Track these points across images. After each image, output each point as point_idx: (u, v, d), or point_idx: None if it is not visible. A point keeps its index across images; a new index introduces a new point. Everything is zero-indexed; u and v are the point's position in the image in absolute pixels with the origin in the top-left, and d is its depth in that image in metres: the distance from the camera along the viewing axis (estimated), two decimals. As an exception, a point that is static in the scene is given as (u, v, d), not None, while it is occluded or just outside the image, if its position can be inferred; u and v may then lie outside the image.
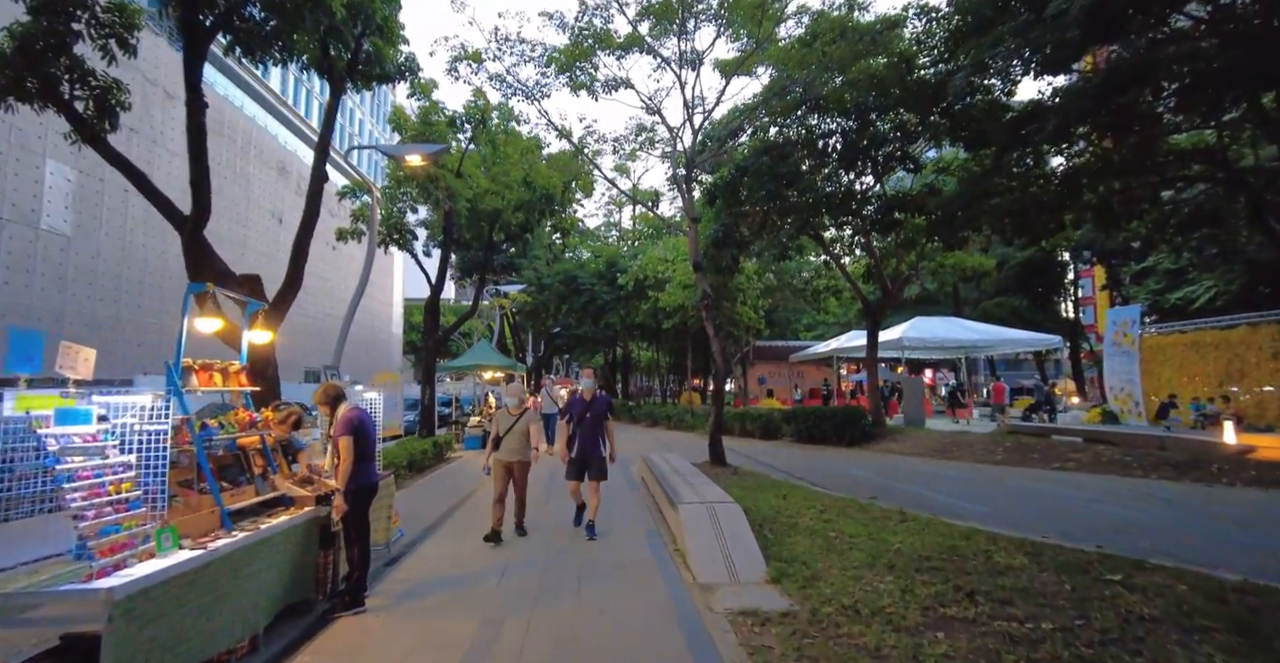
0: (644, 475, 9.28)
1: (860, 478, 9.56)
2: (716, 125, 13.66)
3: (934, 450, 11.99)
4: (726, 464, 9.60)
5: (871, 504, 7.01)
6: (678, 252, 19.85)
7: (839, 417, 13.57)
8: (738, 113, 13.81)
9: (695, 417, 19.43)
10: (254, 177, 39.90)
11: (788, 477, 9.58)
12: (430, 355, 12.82)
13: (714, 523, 5.30)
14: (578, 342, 33.99)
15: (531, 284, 21.80)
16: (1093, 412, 21.70)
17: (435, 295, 13.02)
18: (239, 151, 40.23)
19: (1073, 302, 37.62)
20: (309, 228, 7.89)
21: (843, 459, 11.83)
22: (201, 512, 3.34)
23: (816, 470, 10.32)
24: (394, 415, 14.19)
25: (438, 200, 12.95)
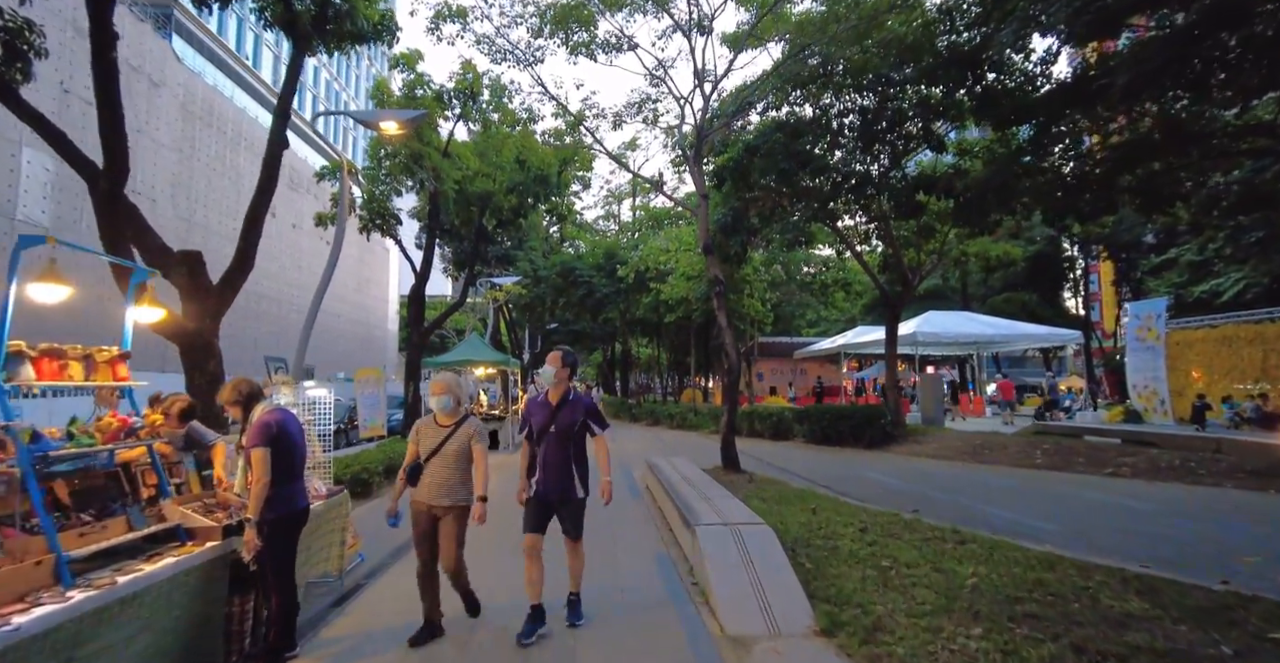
0: (648, 482, 8.26)
1: (892, 487, 8.55)
2: (726, 102, 12.60)
3: (963, 453, 10.99)
4: (741, 470, 8.59)
5: (917, 520, 6.00)
6: (680, 241, 18.82)
7: (857, 416, 12.56)
8: (748, 88, 12.75)
9: (699, 415, 18.42)
10: (244, 169, 38.69)
11: (809, 485, 8.57)
12: (415, 350, 11.78)
13: (741, 551, 4.28)
14: (575, 338, 32.96)
15: (527, 276, 20.74)
16: (1114, 410, 20.75)
17: (420, 284, 11.97)
18: (229, 143, 39.10)
19: (1083, 297, 36.60)
20: (264, 198, 6.84)
21: (865, 463, 10.81)
22: (24, 562, 2.29)
23: (840, 477, 9.31)
24: (377, 415, 13.15)
25: (423, 182, 11.91)
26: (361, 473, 8.18)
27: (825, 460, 11.28)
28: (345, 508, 4.61)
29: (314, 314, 8.10)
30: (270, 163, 6.90)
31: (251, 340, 41.21)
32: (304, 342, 7.95)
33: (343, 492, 4.60)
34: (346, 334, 49.06)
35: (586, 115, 11.53)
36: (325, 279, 8.17)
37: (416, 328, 11.76)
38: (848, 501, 7.24)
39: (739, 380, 8.49)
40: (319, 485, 4.31)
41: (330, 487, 4.61)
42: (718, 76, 11.49)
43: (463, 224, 13.69)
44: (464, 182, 12.65)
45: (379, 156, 11.69)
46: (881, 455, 11.71)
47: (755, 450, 12.78)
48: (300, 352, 7.91)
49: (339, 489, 4.59)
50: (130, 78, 32.35)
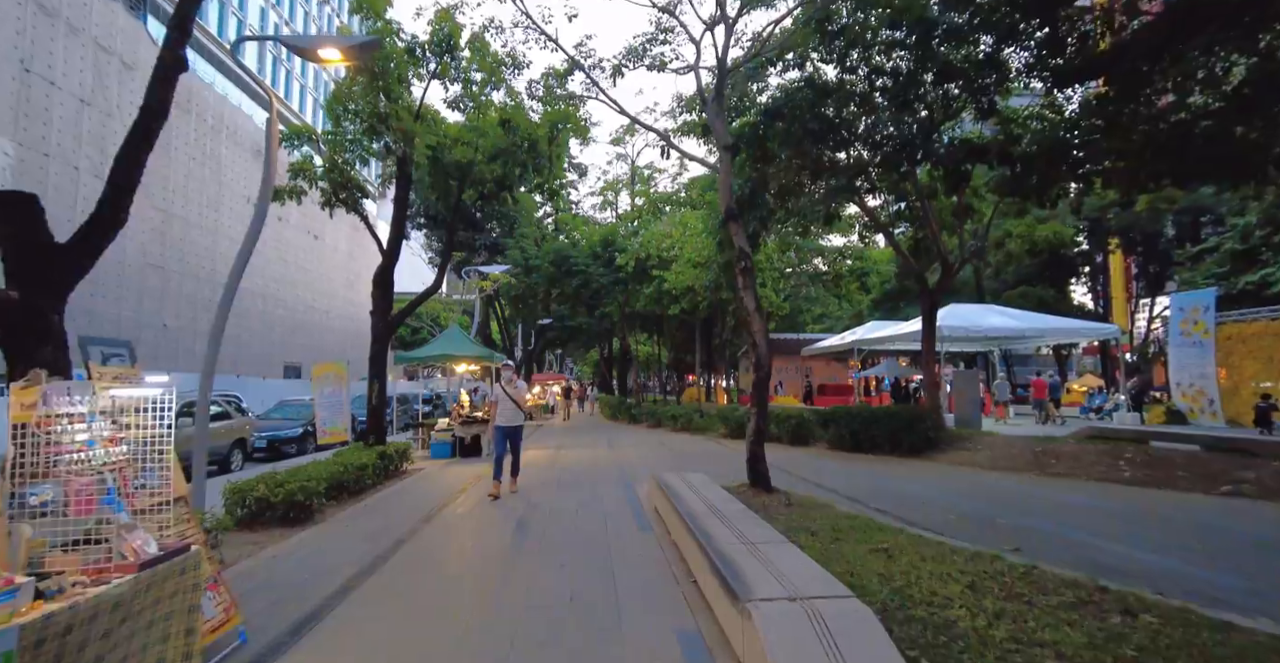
0: (659, 505, 6.57)
1: (959, 508, 6.87)
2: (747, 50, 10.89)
3: (1024, 463, 9.33)
4: (773, 489, 6.89)
5: (1036, 570, 4.31)
6: (686, 226, 17.13)
7: (894, 420, 10.88)
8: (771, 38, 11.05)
9: (706, 417, 16.75)
10: (228, 160, 36.85)
11: (858, 506, 6.89)
12: (380, 342, 10.05)
13: (830, 652, 2.58)
14: (571, 334, 31.24)
15: (518, 265, 19.03)
16: (1155, 410, 19.19)
17: (388, 263, 10.24)
18: (209, 132, 37.27)
19: (1102, 290, 35.02)
20: (147, 129, 5.11)
21: (910, 476, 9.14)
22: None
23: (891, 495, 7.63)
24: (339, 417, 11.43)
25: (388, 146, 10.18)
26: (297, 493, 6.47)
27: (862, 472, 9.61)
28: (195, 576, 2.90)
29: (233, 290, 6.40)
30: (157, 85, 5.17)
31: (234, 334, 39.44)
32: (218, 328, 6.24)
33: (189, 552, 2.88)
34: (337, 331, 47.27)
35: (582, 62, 9.77)
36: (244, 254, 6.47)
37: (382, 317, 10.03)
38: (921, 532, 5.55)
39: (769, 379, 6.79)
40: (138, 544, 2.60)
41: (170, 542, 2.90)
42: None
43: (439, 199, 11.94)
44: (439, 149, 10.92)
45: (335, 112, 9.92)
46: (926, 465, 10.05)
47: (776, 459, 11.06)
48: (214, 340, 6.20)
49: (181, 547, 2.87)
50: (99, 58, 30.47)
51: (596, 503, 7.43)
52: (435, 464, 11.45)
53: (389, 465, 9.49)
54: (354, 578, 4.65)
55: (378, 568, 4.91)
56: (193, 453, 5.91)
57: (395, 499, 8.00)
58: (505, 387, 7.93)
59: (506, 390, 7.90)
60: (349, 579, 4.63)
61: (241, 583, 4.52)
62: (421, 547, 5.56)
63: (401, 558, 5.18)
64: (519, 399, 7.99)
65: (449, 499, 7.86)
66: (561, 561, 4.92)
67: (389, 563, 5.04)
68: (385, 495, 8.27)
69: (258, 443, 13.96)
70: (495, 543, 5.67)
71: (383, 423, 10.01)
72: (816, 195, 12.01)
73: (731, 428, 15.10)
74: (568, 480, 9.30)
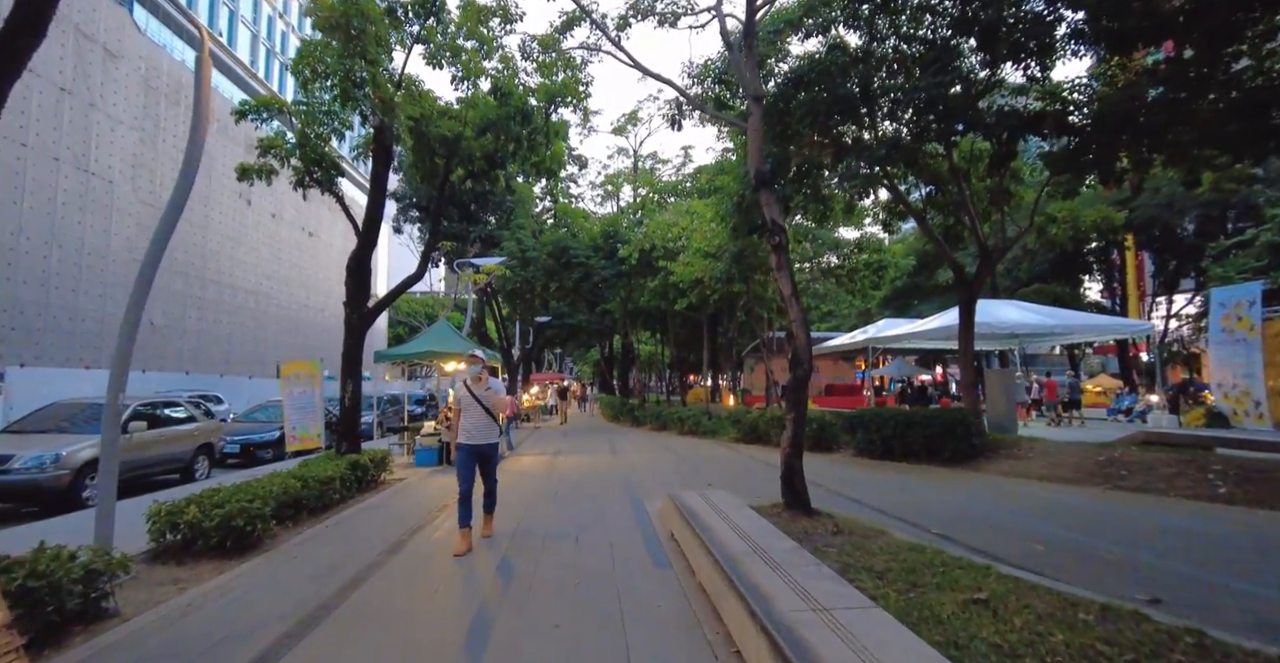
0: (676, 531, 5.40)
1: (1043, 534, 5.68)
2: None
3: (1088, 474, 8.15)
4: (813, 510, 5.71)
5: (1209, 640, 3.13)
6: (695, 215, 15.95)
7: (933, 424, 9.70)
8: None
9: (715, 420, 15.56)
10: (217, 152, 35.59)
11: (916, 531, 5.72)
12: (355, 336, 8.87)
13: None
14: (571, 332, 30.06)
15: (514, 257, 17.83)
16: (1194, 413, 18.04)
17: (363, 247, 9.07)
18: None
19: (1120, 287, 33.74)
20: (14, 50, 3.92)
21: (964, 491, 7.96)
22: None
23: (949, 515, 6.46)
24: (310, 421, 10.25)
25: (364, 114, 9.01)
26: (236, 517, 5.28)
27: (904, 485, 8.43)
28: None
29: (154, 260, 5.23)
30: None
31: (225, 333, 38.36)
32: (134, 314, 5.07)
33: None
34: (333, 331, 46.05)
35: (584, 3, 8.51)
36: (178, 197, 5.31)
37: (357, 308, 8.85)
38: (1011, 570, 4.37)
39: (809, 378, 5.61)
40: None
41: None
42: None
43: (424, 178, 10.77)
44: (423, 121, 9.75)
45: (302, 74, 8.71)
46: (974, 477, 8.86)
47: (799, 467, 9.94)
48: (127, 329, 5.03)
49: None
50: (81, 46, 29.23)
51: (600, 525, 6.25)
52: (419, 473, 10.27)
53: (363, 477, 8.31)
54: (279, 643, 3.47)
55: (313, 626, 3.72)
56: (100, 469, 4.74)
57: (363, 519, 6.81)
58: (471, 387, 5.56)
59: (473, 393, 5.55)
60: (273, 644, 3.45)
61: (123, 653, 3.35)
62: (378, 592, 4.38)
63: (348, 611, 3.99)
64: (493, 405, 5.58)
65: (426, 520, 6.69)
66: (556, 618, 3.74)
67: (330, 618, 3.86)
68: (353, 514, 7.08)
69: (228, 448, 12.81)
70: (472, 587, 4.49)
71: (356, 428, 8.83)
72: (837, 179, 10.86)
73: (744, 432, 13.94)
74: (566, 494, 8.12)
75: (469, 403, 5.60)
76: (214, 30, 40.23)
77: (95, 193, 29.28)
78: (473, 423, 5.58)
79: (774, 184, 6.02)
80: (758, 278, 14.23)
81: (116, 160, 30.49)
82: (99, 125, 29.36)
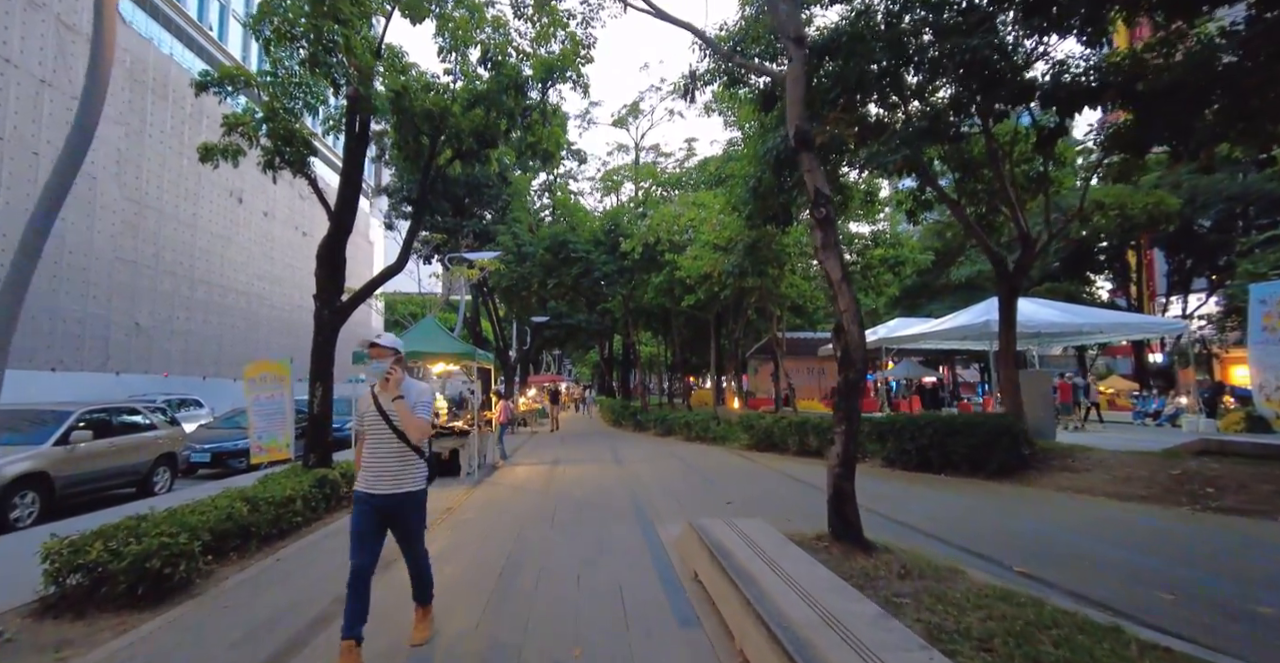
0: (701, 570, 4.35)
1: (1154, 573, 4.63)
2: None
3: (1164, 492, 7.10)
4: (869, 544, 4.65)
5: None
6: (701, 207, 14.90)
7: (978, 432, 8.64)
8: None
9: (725, 426, 14.49)
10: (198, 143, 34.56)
11: (992, 567, 4.67)
12: (326, 333, 7.81)
13: None
14: (569, 333, 28.99)
15: (509, 252, 16.76)
16: (1232, 416, 17.00)
17: (336, 234, 8.01)
18: (187, 119, 35.02)
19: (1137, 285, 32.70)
20: None
21: (1026, 511, 6.91)
22: None
23: (1025, 545, 5.40)
24: (278, 429, 9.18)
25: (336, 83, 7.96)
26: (153, 557, 4.22)
27: (952, 504, 7.37)
28: None
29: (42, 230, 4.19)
30: None
31: (215, 335, 37.19)
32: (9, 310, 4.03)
33: None
34: (326, 332, 45.04)
35: None
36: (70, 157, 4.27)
37: (329, 302, 7.79)
38: (1147, 632, 3.32)
39: (862, 381, 4.57)
40: None
41: None
42: None
43: (407, 159, 9.72)
44: (404, 95, 8.70)
45: (262, 34, 7.64)
46: (1030, 493, 7.80)
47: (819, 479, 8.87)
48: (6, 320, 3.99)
49: None
50: (62, 36, 28.14)
51: (606, 558, 5.19)
52: (402, 487, 9.20)
53: (331, 494, 7.24)
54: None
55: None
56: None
57: (325, 550, 5.73)
58: (377, 394, 3.43)
59: (379, 404, 3.41)
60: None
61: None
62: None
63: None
64: (412, 427, 3.34)
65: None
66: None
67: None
68: (315, 542, 6.01)
69: (196, 457, 11.73)
70: (447, 654, 3.43)
71: (326, 437, 7.75)
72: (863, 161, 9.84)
73: (756, 439, 12.89)
74: (565, 516, 7.06)
75: (373, 420, 3.39)
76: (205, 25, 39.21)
77: (77, 189, 28.14)
78: (377, 456, 3.37)
79: (814, 147, 4.96)
80: (772, 272, 13.18)
81: (100, 156, 29.41)
82: (81, 118, 28.33)
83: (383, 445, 3.39)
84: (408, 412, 3.30)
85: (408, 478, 3.41)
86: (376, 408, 3.39)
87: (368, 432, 3.45)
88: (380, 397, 3.40)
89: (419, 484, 3.48)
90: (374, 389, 3.43)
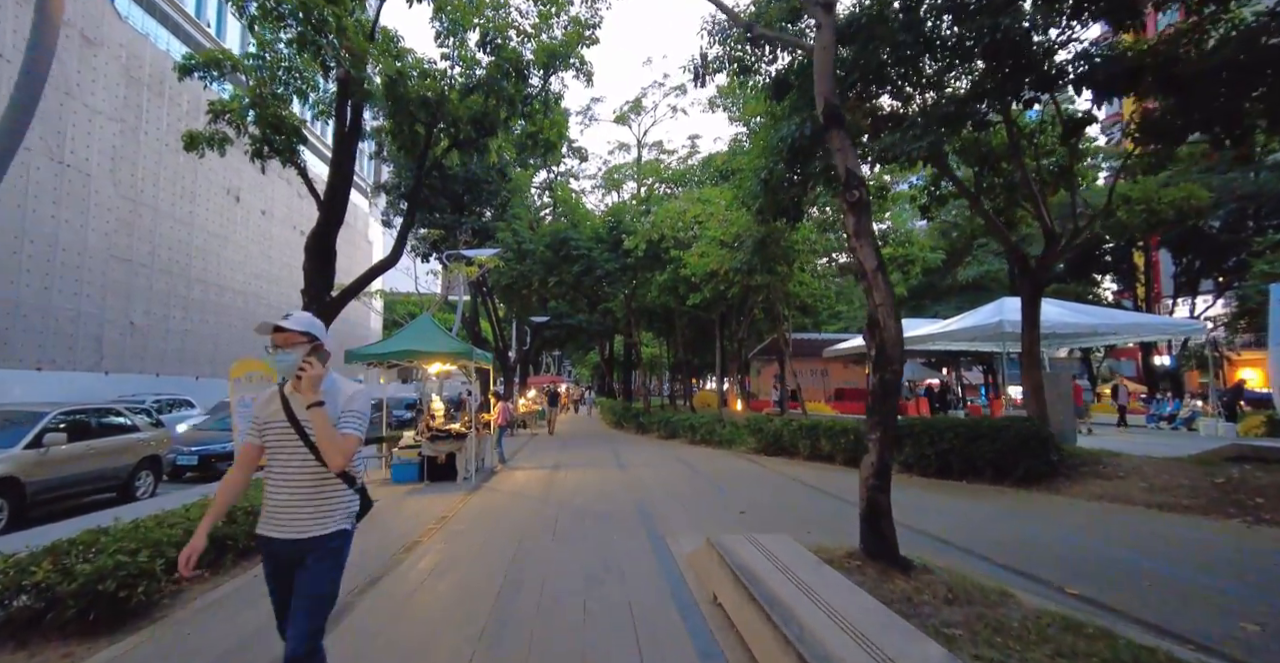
0: (724, 599, 3.89)
1: (1231, 598, 4.17)
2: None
3: (1210, 502, 6.64)
4: (904, 563, 4.19)
5: None
6: (707, 203, 14.45)
7: (1003, 437, 8.18)
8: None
9: (732, 428, 14.03)
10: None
11: (1044, 590, 4.21)
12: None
13: None
14: (570, 333, 28.53)
15: (509, 249, 16.31)
16: (1252, 420, 16.58)
17: (326, 225, 7.55)
18: (184, 116, 34.54)
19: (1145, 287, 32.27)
20: None
21: (1065, 522, 6.45)
22: None
23: (1075, 562, 4.94)
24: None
25: (326, 65, 7.51)
26: (108, 579, 3.75)
27: (983, 514, 6.91)
28: None
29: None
30: None
31: (211, 334, 36.69)
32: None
33: None
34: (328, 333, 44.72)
35: None
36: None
37: (316, 298, 7.32)
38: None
39: (899, 381, 4.12)
40: None
41: None
42: None
43: (401, 148, 9.25)
44: (399, 81, 8.26)
45: (246, 7, 7.17)
46: (1063, 503, 7.33)
47: (840, 487, 8.43)
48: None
49: None
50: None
51: (615, 577, 4.72)
52: (394, 492, 8.74)
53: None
54: None
55: None
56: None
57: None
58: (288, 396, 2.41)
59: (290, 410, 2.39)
60: None
61: None
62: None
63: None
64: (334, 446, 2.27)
65: (388, 563, 5.16)
66: None
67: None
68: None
69: (182, 460, 11.27)
70: None
71: (314, 442, 7.28)
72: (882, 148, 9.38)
73: (765, 442, 12.43)
74: (568, 525, 6.59)
75: (279, 434, 2.39)
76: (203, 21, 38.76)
77: (71, 186, 27.76)
78: (283, 485, 2.39)
79: (845, 122, 4.51)
80: (781, 270, 12.72)
81: (94, 152, 28.99)
82: (75, 115, 27.86)
83: (292, 469, 2.34)
84: (326, 426, 2.23)
85: (324, 517, 2.34)
86: (287, 416, 2.35)
87: (269, 448, 2.40)
88: (293, 400, 2.37)
89: (340, 524, 2.38)
90: (284, 389, 2.42)
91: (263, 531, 2.40)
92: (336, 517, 2.39)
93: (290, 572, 2.35)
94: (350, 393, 2.45)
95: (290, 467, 2.36)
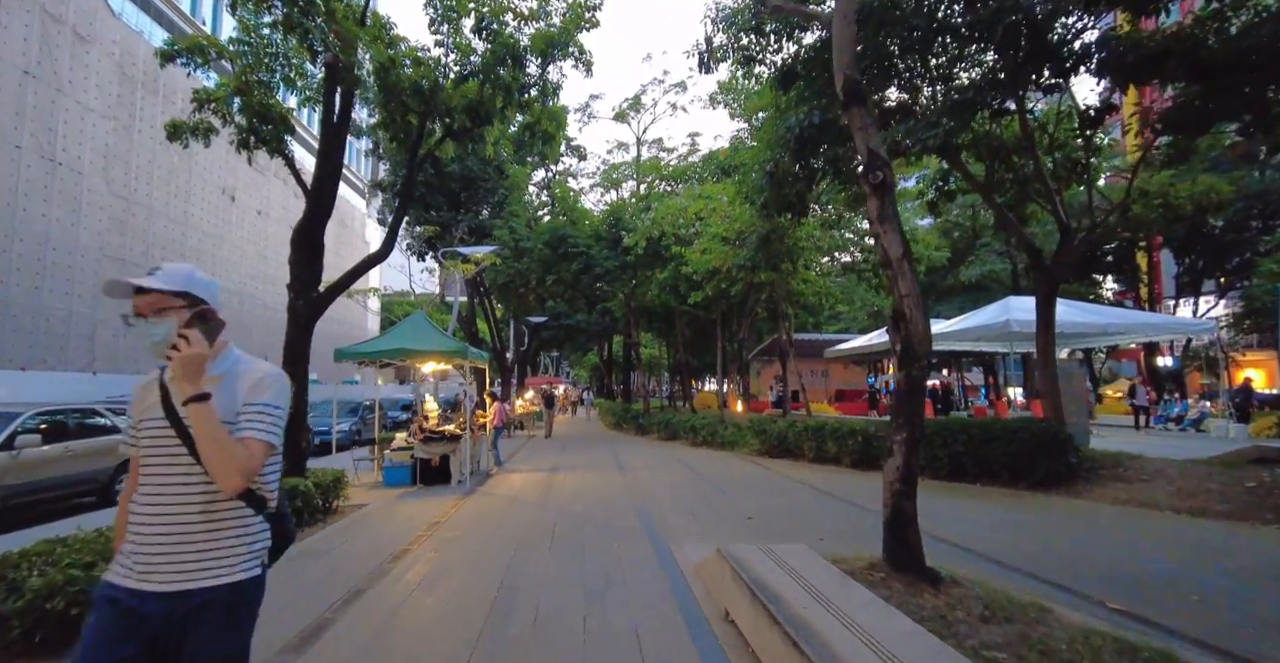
0: (738, 615, 3.54)
1: None
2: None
3: (1243, 506, 6.32)
4: (932, 575, 3.86)
5: None
6: (709, 199, 14.13)
7: (1019, 439, 7.85)
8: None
9: (734, 430, 13.68)
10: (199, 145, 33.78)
11: (1084, 604, 3.88)
12: (299, 327, 7.00)
13: None
14: (568, 334, 28.19)
15: (506, 247, 15.98)
16: (1264, 421, 16.30)
17: (312, 217, 7.21)
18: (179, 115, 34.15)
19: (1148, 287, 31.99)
20: None
21: (1093, 528, 6.12)
22: None
23: (1114, 576, 4.60)
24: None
25: (313, 50, 7.18)
26: (57, 597, 3.40)
27: (1004, 519, 6.57)
28: None
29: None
30: None
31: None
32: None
33: None
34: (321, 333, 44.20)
35: None
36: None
37: (302, 294, 6.98)
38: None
39: (925, 379, 3.78)
40: None
41: None
42: None
43: (393, 139, 8.92)
44: (394, 67, 7.93)
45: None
46: (1086, 507, 7.00)
47: (849, 491, 8.09)
48: None
49: None
50: (47, 27, 27.30)
51: (617, 592, 4.37)
52: (386, 496, 8.38)
53: (303, 507, 6.42)
54: None
55: None
56: None
57: (286, 575, 4.91)
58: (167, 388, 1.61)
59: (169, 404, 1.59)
60: None
61: None
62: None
63: None
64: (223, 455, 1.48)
65: (375, 573, 4.81)
66: None
67: None
68: (276, 565, 5.19)
69: (168, 463, 10.89)
70: None
71: (299, 442, 6.93)
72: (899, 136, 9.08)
73: (769, 444, 12.09)
74: (567, 533, 6.24)
75: (153, 435, 1.60)
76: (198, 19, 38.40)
77: (63, 184, 27.39)
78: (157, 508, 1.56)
79: (866, 100, 4.18)
80: (785, 267, 12.40)
81: (87, 150, 28.61)
82: (67, 113, 27.50)
83: (171, 489, 1.56)
84: (213, 427, 1.50)
85: (218, 559, 1.57)
86: (165, 413, 1.60)
87: (141, 457, 1.62)
88: (174, 389, 1.59)
89: (244, 570, 1.60)
90: (162, 380, 1.65)
91: (116, 579, 1.54)
92: (237, 559, 1.58)
93: (157, 646, 1.50)
94: (258, 377, 1.66)
95: (169, 485, 1.56)
